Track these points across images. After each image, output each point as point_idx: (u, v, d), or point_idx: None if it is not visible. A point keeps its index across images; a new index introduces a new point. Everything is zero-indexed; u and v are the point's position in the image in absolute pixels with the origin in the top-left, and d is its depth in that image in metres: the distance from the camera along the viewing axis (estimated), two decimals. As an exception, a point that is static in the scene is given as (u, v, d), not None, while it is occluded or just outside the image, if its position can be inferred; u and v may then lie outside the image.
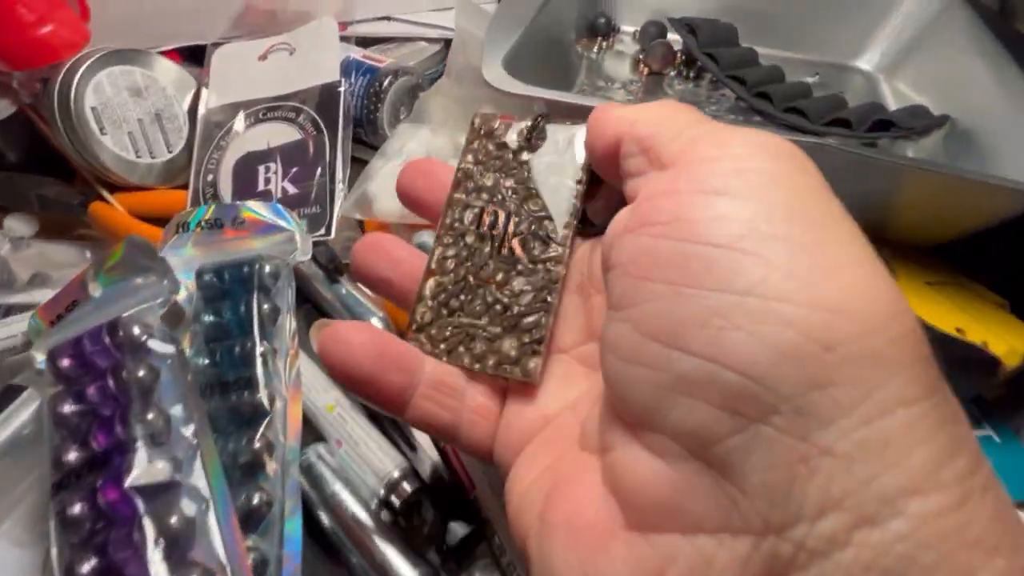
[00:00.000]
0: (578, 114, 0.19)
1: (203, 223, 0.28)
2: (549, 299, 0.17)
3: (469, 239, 0.18)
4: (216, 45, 0.37)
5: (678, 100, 0.38)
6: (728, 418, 0.11)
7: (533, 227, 0.18)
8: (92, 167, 0.32)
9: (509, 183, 0.19)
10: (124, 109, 0.33)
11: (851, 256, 0.11)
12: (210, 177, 0.34)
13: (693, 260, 0.12)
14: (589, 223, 0.19)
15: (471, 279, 0.18)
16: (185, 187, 0.34)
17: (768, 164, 0.12)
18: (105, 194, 0.33)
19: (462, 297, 0.18)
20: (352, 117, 0.34)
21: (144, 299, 0.25)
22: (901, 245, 0.27)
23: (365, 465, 0.24)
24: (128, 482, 0.20)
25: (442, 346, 0.18)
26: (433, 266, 0.18)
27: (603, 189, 0.18)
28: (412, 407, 0.17)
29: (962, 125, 0.31)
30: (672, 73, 0.41)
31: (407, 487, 0.23)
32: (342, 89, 0.33)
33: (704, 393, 0.11)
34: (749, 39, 0.41)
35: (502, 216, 0.18)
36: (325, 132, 0.33)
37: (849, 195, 0.25)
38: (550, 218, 0.18)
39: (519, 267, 0.18)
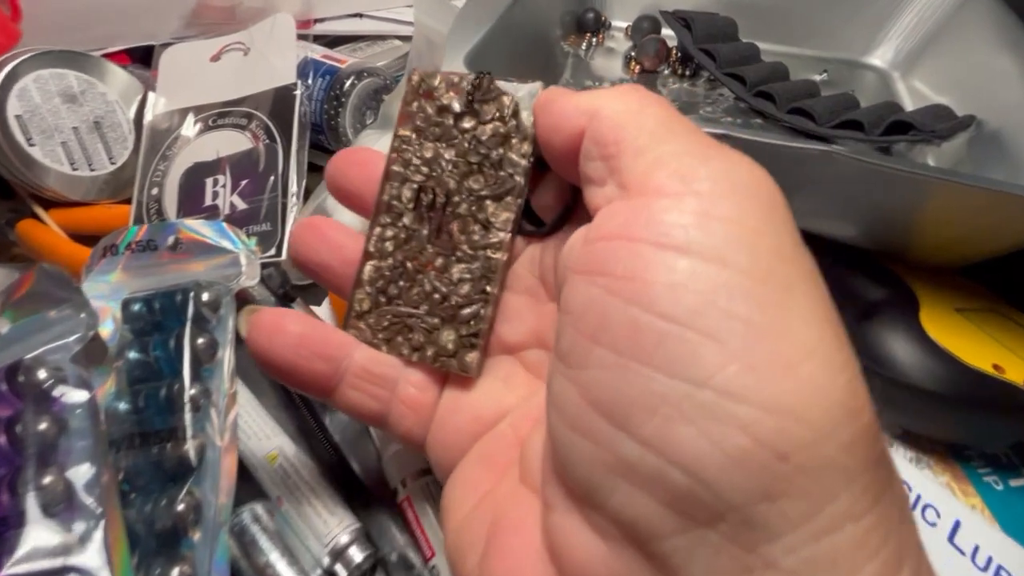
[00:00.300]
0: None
1: (134, 245, 0.25)
2: (488, 289, 0.16)
3: (407, 219, 0.17)
4: (166, 45, 0.34)
5: (673, 100, 0.35)
6: (672, 516, 0.10)
7: (473, 208, 0.17)
8: (21, 181, 0.29)
9: (449, 155, 0.17)
10: (56, 117, 0.30)
11: (810, 343, 0.11)
12: (155, 191, 0.30)
13: (645, 332, 0.11)
14: (535, 220, 0.17)
15: (409, 264, 0.17)
16: (131, 201, 0.31)
17: (735, 211, 0.11)
18: (39, 211, 0.30)
19: (401, 284, 0.17)
20: (310, 123, 0.31)
21: (57, 336, 0.22)
22: (925, 266, 0.24)
23: (308, 528, 0.20)
24: (7, 568, 0.16)
25: (381, 335, 0.17)
26: (371, 248, 0.17)
27: (552, 178, 0.17)
28: (338, 395, 0.17)
29: (989, 127, 0.28)
30: (666, 71, 0.38)
31: (357, 554, 0.20)
32: (298, 92, 0.30)
33: (649, 486, 0.11)
34: (750, 34, 0.37)
35: (440, 195, 0.17)
36: (279, 140, 0.30)
37: (862, 209, 0.22)
38: (492, 198, 0.16)
39: (458, 253, 0.17)
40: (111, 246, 0.25)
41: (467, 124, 0.17)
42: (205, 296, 0.24)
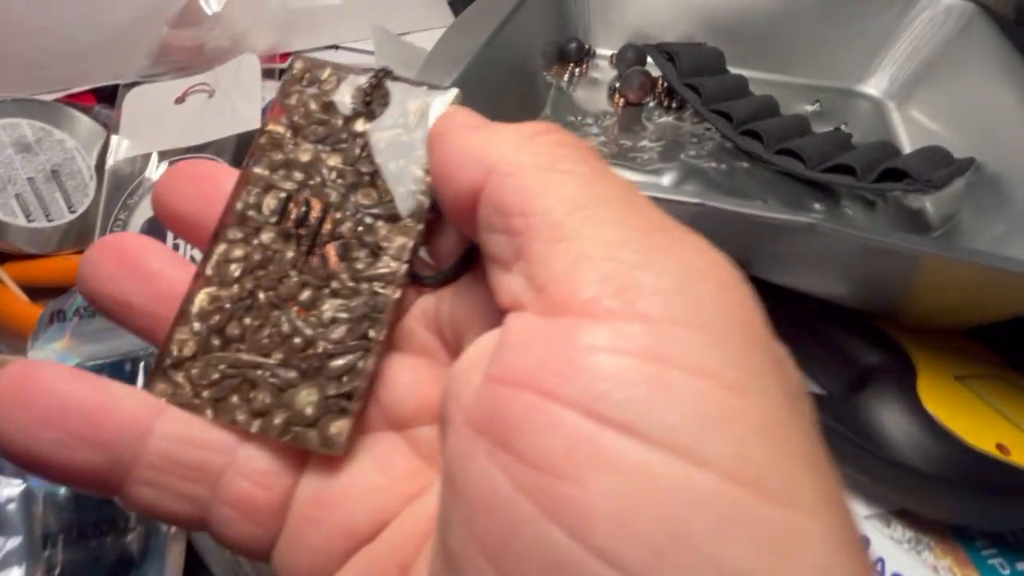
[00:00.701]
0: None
1: (82, 310, 0.24)
2: (371, 334, 0.13)
3: (266, 236, 0.13)
4: (131, 85, 0.33)
5: (658, 137, 0.34)
6: None
7: (360, 229, 0.13)
8: (-28, 237, 0.28)
9: (334, 161, 0.14)
10: (9, 168, 0.28)
11: None
12: (115, 242, 0.29)
13: (554, 558, 0.07)
14: (426, 269, 0.14)
15: (262, 296, 0.13)
16: (90, 252, 0.30)
17: (704, 354, 0.08)
18: (-7, 265, 0.29)
19: (247, 322, 0.13)
20: (276, 170, 0.30)
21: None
22: (921, 329, 0.22)
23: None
24: None
25: (206, 394, 0.12)
26: (209, 271, 0.13)
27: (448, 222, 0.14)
28: (126, 495, 0.12)
29: (989, 169, 0.27)
30: (651, 103, 0.36)
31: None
32: (262, 139, 0.28)
33: None
34: (740, 64, 0.36)
35: (317, 208, 0.13)
36: (242, 190, 0.28)
37: (851, 276, 0.20)
38: (386, 218, 0.13)
39: (333, 284, 0.13)
40: (58, 312, 0.24)
41: (360, 127, 0.14)
42: (156, 365, 0.23)
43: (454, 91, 0.14)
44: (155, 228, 0.29)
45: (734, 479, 0.07)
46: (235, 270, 0.13)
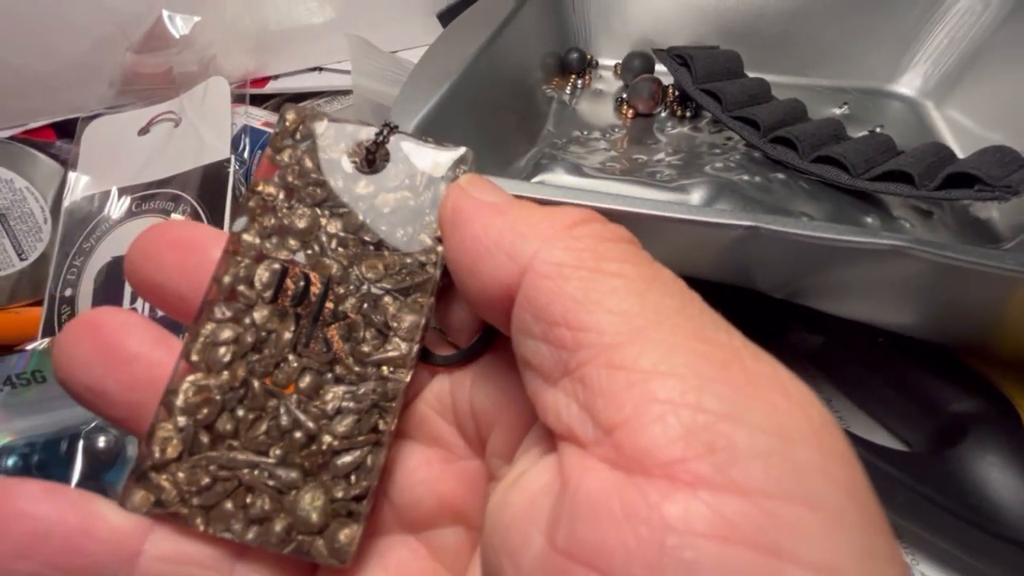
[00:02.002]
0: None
1: (16, 379, 0.20)
2: (381, 426, 0.12)
3: (260, 315, 0.12)
4: (92, 117, 0.30)
5: (673, 150, 0.30)
6: None
7: (365, 306, 0.12)
8: (-96, 292, 0.25)
9: (334, 228, 0.12)
10: (-53, 214, 0.25)
11: None
12: (68, 291, 0.26)
13: None
14: (438, 345, 0.12)
15: (256, 384, 0.12)
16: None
17: (810, 548, 0.07)
18: (-70, 323, 0.26)
19: (239, 414, 0.11)
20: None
21: None
22: (1020, 364, 0.18)
23: None
24: None
25: (196, 501, 0.11)
26: (195, 357, 0.12)
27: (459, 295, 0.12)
28: None
29: (1065, 169, 0.23)
30: (663, 113, 0.33)
31: None
32: (231, 169, 0.25)
33: None
34: (757, 67, 0.33)
35: (317, 282, 0.12)
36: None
37: (931, 306, 0.16)
38: (395, 293, 0.12)
39: (337, 370, 0.12)
40: (-13, 381, 0.20)
41: (362, 190, 0.12)
42: (101, 442, 0.19)
43: (464, 151, 0.13)
44: (114, 274, 0.26)
45: None
46: (224, 354, 0.12)
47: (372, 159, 0.12)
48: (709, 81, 0.29)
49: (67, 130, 0.32)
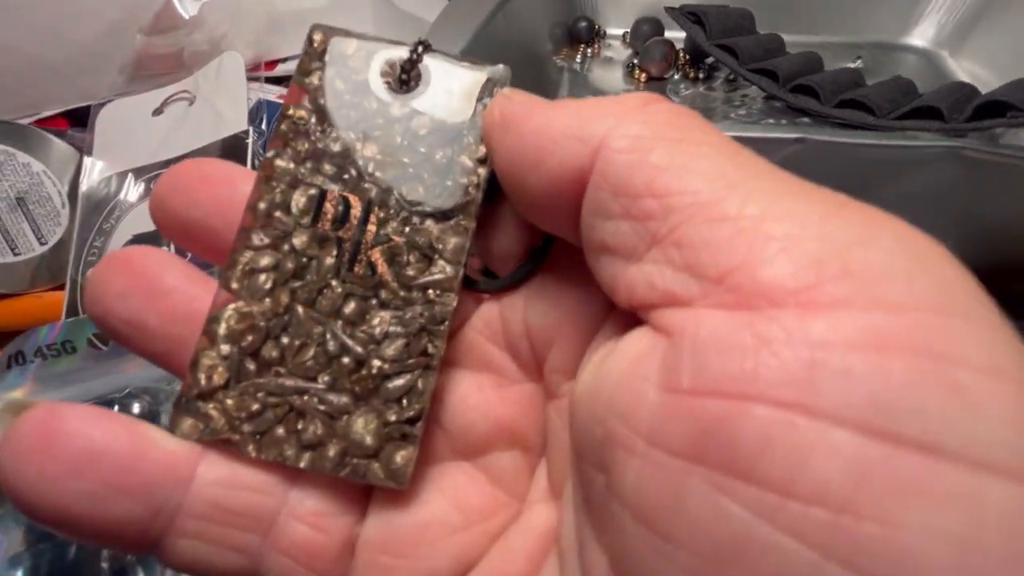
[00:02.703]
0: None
1: (45, 350, 0.20)
2: (430, 349, 0.11)
3: (299, 240, 0.11)
4: (105, 103, 0.30)
5: (688, 107, 0.30)
6: None
7: (408, 229, 0.12)
8: (-74, 278, 0.25)
9: (371, 151, 0.12)
10: (-34, 198, 0.25)
11: None
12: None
13: None
14: (484, 272, 0.12)
15: (300, 310, 0.11)
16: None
17: (976, 351, 0.07)
18: (-47, 309, 0.25)
19: (284, 341, 0.11)
20: (268, 175, 0.26)
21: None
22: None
23: None
24: None
25: (246, 428, 0.11)
26: (235, 285, 0.11)
27: (511, 210, 0.12)
28: (167, 550, 0.10)
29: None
30: (676, 76, 0.33)
31: None
32: (249, 140, 0.25)
33: None
34: (768, 26, 0.33)
35: (357, 206, 0.12)
36: (230, 199, 0.25)
37: (986, 221, 0.16)
38: (437, 216, 0.12)
39: (382, 294, 0.11)
40: (17, 354, 0.20)
41: (398, 111, 0.12)
42: (136, 408, 0.19)
43: (502, 68, 0.12)
44: (135, 253, 0.26)
45: None
46: (265, 281, 0.11)
47: (406, 79, 0.12)
48: (724, 37, 0.29)
49: (79, 118, 0.32)
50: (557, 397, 0.11)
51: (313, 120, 0.12)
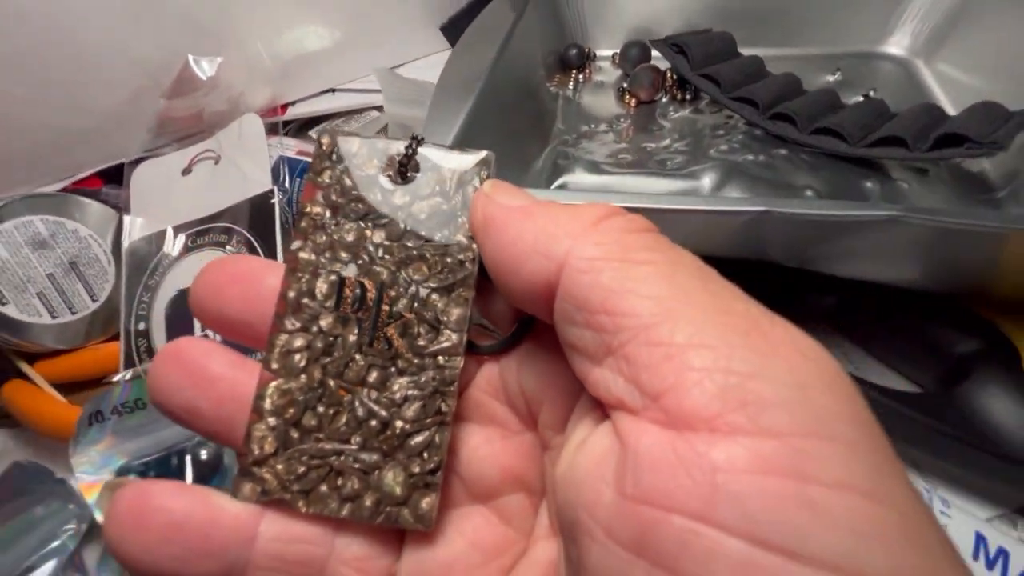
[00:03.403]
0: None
1: (120, 408, 0.23)
2: (444, 408, 0.13)
3: (326, 322, 0.13)
4: (136, 162, 0.32)
5: (678, 136, 0.32)
6: None
7: (416, 305, 0.13)
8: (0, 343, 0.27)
9: (379, 238, 0.13)
10: (28, 268, 0.28)
11: None
12: (141, 325, 0.28)
13: None
14: (480, 336, 0.14)
15: (332, 383, 0.13)
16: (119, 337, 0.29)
17: (830, 470, 0.08)
18: (25, 368, 0.28)
19: (320, 411, 0.13)
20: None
21: (48, 535, 0.20)
22: (1019, 304, 0.20)
23: None
24: None
25: (296, 487, 0.13)
26: (274, 365, 0.13)
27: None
28: None
29: (1050, 117, 0.24)
30: (664, 99, 0.35)
31: None
32: (275, 200, 0.28)
33: None
34: (751, 44, 0.34)
35: (372, 289, 0.13)
36: (261, 254, 0.27)
37: (932, 263, 0.18)
38: (441, 291, 0.13)
39: (399, 364, 0.13)
40: (96, 413, 0.23)
41: (399, 200, 0.14)
42: (203, 454, 0.22)
43: (486, 154, 0.14)
44: (181, 305, 0.28)
45: None
46: (300, 360, 0.13)
47: (404, 170, 0.14)
48: (706, 65, 0.31)
49: (112, 176, 0.34)
50: (550, 448, 0.13)
51: (328, 214, 0.13)
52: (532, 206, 0.12)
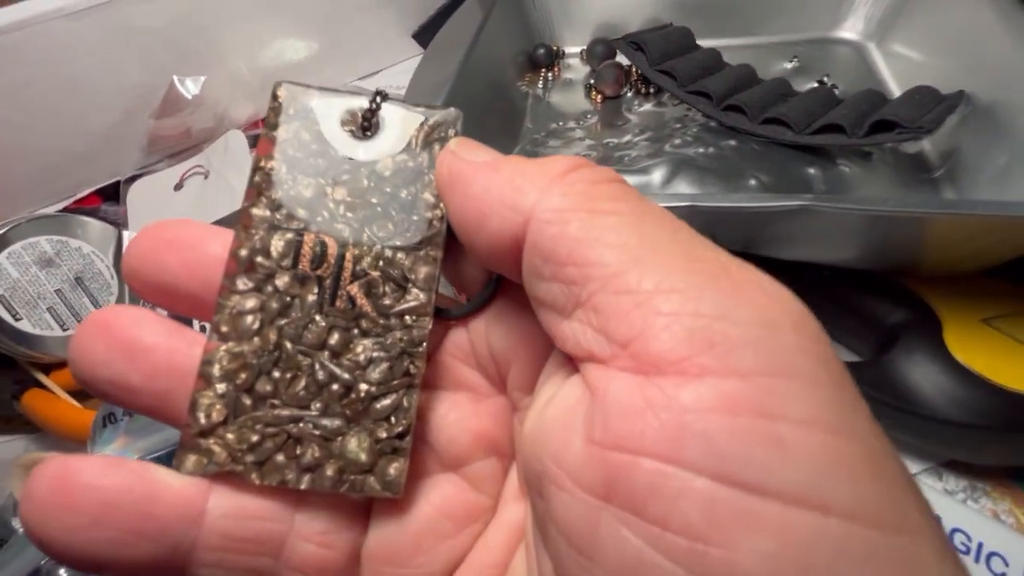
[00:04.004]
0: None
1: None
2: (412, 369, 0.12)
3: (281, 282, 0.12)
4: (131, 180, 0.34)
5: (643, 129, 0.34)
6: None
7: (381, 263, 0.13)
8: (17, 355, 0.30)
9: (340, 194, 0.13)
10: (37, 285, 0.30)
11: None
12: (146, 334, 0.30)
13: None
14: (445, 301, 0.13)
15: (289, 346, 0.12)
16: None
17: (804, 403, 0.08)
18: (42, 378, 0.31)
19: (276, 375, 0.12)
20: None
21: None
22: (941, 278, 0.22)
23: None
24: None
25: (249, 458, 0.11)
26: (224, 328, 0.12)
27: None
28: None
29: (981, 100, 0.26)
30: (630, 93, 0.36)
31: None
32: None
33: None
34: (710, 35, 0.36)
35: (333, 246, 0.12)
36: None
37: (857, 245, 0.20)
38: (407, 249, 0.13)
39: (363, 324, 0.12)
40: (109, 415, 0.25)
41: (362, 156, 0.13)
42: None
43: (453, 111, 0.13)
44: (178, 317, 0.30)
45: (857, 520, 0.08)
46: (253, 322, 0.12)
47: (367, 126, 0.13)
48: (664, 61, 0.32)
49: (109, 193, 0.36)
50: (519, 410, 0.13)
51: (284, 169, 0.12)
52: (498, 161, 0.11)
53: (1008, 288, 0.22)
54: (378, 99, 0.13)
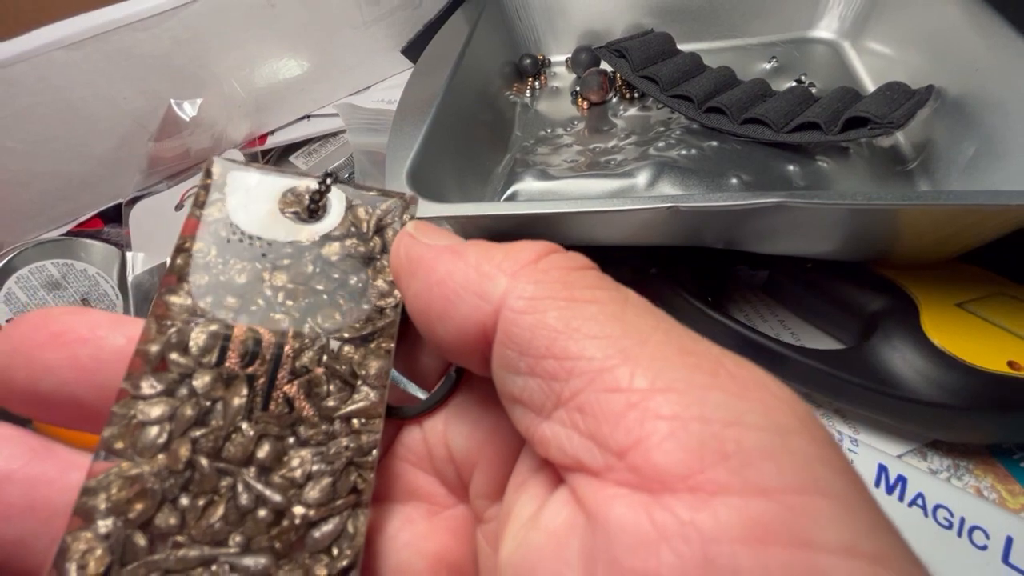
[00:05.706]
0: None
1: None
2: (360, 485, 0.10)
3: (200, 383, 0.10)
4: (132, 201, 0.35)
5: (628, 133, 0.35)
6: None
7: (326, 358, 0.11)
8: (27, 377, 0.30)
9: (280, 280, 0.11)
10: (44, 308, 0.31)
11: None
12: (152, 351, 0.31)
13: None
14: (402, 395, 0.12)
15: (204, 463, 0.10)
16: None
17: (832, 533, 0.07)
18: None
19: (183, 502, 0.10)
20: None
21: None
22: (917, 265, 0.23)
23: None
24: None
25: None
26: (118, 443, 0.10)
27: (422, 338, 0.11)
28: None
29: (950, 94, 0.27)
30: (615, 99, 0.37)
31: None
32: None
33: None
34: (691, 39, 0.37)
35: (270, 340, 0.11)
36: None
37: (835, 237, 0.21)
38: (355, 341, 0.11)
39: (302, 431, 0.10)
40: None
41: (306, 239, 0.12)
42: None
43: (408, 195, 0.12)
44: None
45: None
46: (158, 435, 0.10)
47: (315, 208, 0.12)
48: (646, 66, 0.33)
49: (111, 216, 0.37)
50: (484, 522, 0.11)
51: (213, 252, 0.11)
52: (461, 245, 0.10)
53: (980, 273, 0.23)
54: (328, 181, 0.12)
